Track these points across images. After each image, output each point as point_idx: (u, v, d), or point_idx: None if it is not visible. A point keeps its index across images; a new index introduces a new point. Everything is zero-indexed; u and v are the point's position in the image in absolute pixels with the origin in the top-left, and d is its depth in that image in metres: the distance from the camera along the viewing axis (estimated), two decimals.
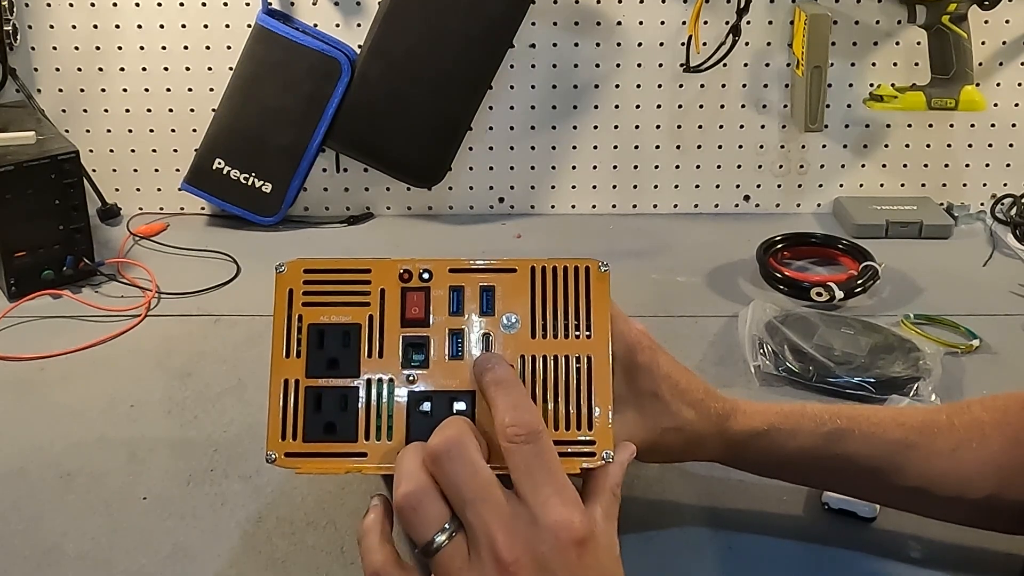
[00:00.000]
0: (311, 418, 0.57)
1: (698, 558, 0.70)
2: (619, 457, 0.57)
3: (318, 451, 0.56)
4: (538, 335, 0.58)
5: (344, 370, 0.57)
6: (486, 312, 0.58)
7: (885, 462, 0.66)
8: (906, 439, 0.66)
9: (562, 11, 1.25)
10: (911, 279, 1.12)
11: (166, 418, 0.87)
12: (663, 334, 0.75)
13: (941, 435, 0.66)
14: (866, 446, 0.66)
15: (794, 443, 0.67)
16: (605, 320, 0.58)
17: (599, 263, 0.59)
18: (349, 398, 0.57)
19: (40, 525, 0.73)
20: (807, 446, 0.67)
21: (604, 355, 0.57)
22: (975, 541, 0.70)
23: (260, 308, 1.05)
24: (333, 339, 0.58)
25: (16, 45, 1.24)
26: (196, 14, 1.25)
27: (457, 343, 0.57)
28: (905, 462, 0.66)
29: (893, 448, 0.66)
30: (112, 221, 1.29)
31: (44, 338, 1.00)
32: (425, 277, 0.59)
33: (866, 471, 0.67)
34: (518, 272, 0.59)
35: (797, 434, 0.67)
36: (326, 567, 0.69)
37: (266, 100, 1.24)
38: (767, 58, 1.27)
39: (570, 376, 0.57)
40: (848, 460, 0.67)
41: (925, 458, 0.66)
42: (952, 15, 1.18)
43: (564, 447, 0.55)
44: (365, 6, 1.25)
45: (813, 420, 0.68)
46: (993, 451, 0.65)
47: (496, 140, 1.31)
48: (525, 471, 0.51)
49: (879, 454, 0.66)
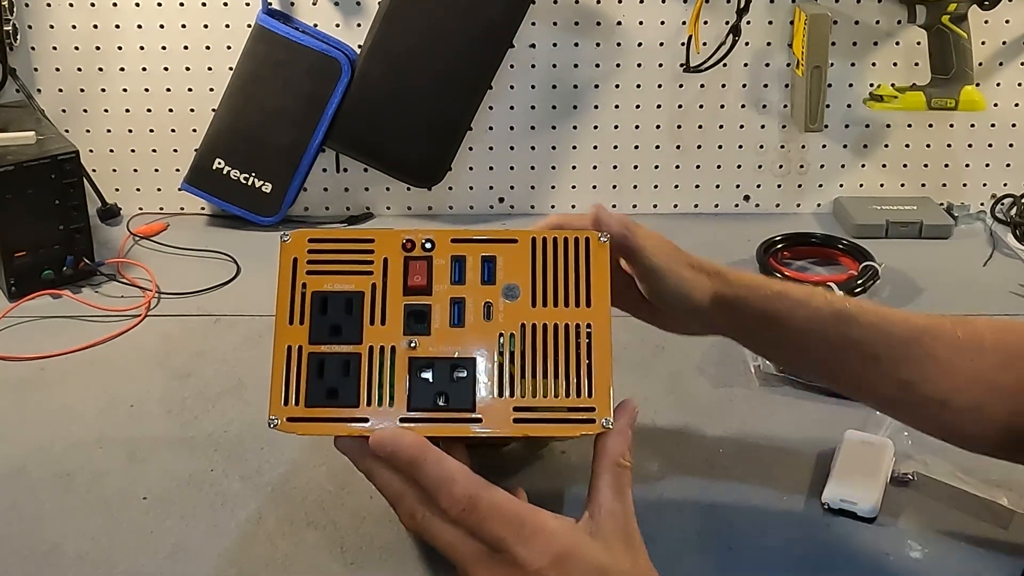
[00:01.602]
0: (313, 383, 0.57)
1: (698, 558, 0.70)
2: (618, 425, 0.58)
3: (320, 416, 0.57)
4: (538, 304, 0.58)
5: (347, 337, 0.58)
6: (487, 281, 0.59)
7: (884, 354, 0.67)
8: (909, 336, 0.67)
9: (562, 11, 1.25)
10: (911, 279, 1.12)
11: (166, 418, 0.87)
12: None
13: (942, 340, 0.67)
14: (870, 333, 0.67)
15: (803, 312, 0.68)
16: (605, 290, 0.59)
17: (599, 234, 0.60)
18: (351, 364, 0.57)
19: (40, 525, 0.73)
20: (815, 319, 0.67)
21: (604, 323, 0.58)
22: (975, 541, 0.70)
23: (260, 308, 1.05)
24: (336, 306, 0.58)
25: (16, 45, 1.24)
26: (196, 14, 1.25)
27: (459, 311, 0.58)
28: (902, 358, 0.66)
29: (895, 341, 0.67)
30: (112, 221, 1.28)
31: (44, 338, 1.00)
32: (427, 247, 0.59)
33: (864, 358, 0.67)
34: (519, 243, 0.60)
35: (808, 304, 0.68)
36: (326, 567, 0.69)
37: (266, 100, 1.24)
38: (767, 58, 1.27)
39: (570, 344, 0.58)
40: (850, 343, 0.67)
41: (922, 358, 0.66)
42: (952, 15, 1.18)
43: (564, 413, 0.56)
44: (365, 6, 1.25)
45: (823, 298, 0.68)
46: (986, 366, 0.66)
47: (496, 140, 1.30)
48: (477, 528, 0.53)
49: (881, 344, 0.67)
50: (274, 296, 0.59)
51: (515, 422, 0.56)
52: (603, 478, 0.57)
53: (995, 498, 0.74)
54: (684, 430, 0.84)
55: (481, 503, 0.52)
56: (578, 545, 0.54)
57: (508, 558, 0.52)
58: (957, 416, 0.66)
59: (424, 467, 0.53)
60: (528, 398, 0.56)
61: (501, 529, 0.52)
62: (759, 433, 0.84)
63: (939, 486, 0.76)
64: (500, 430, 0.55)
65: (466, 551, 0.53)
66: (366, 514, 0.74)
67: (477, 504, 0.52)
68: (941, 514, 0.74)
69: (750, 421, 0.86)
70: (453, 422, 0.56)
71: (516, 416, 0.56)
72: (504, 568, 0.52)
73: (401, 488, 0.55)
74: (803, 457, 0.80)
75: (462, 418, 0.56)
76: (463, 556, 0.53)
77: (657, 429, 0.84)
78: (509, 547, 0.52)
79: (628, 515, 0.57)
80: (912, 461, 0.78)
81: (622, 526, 0.56)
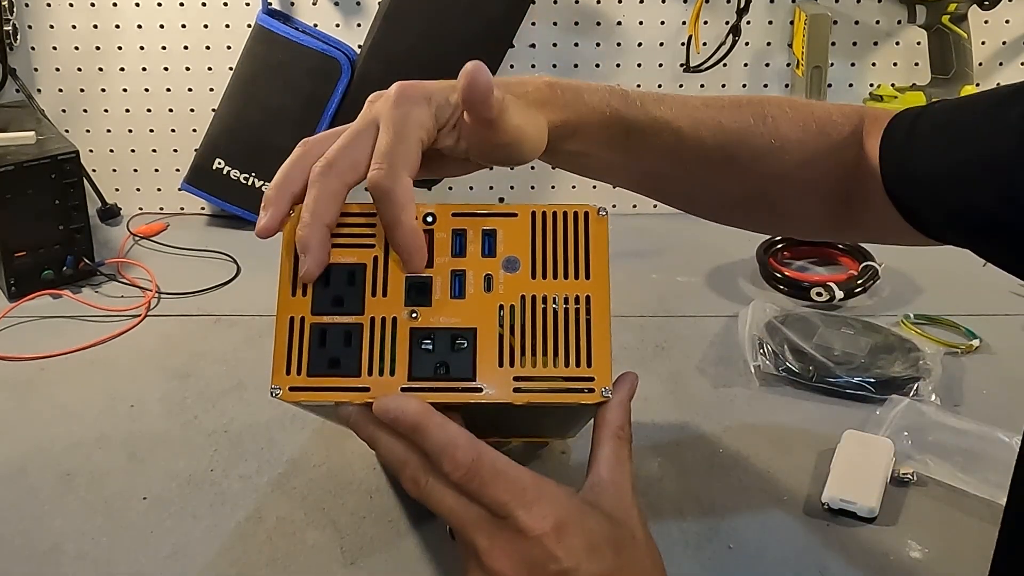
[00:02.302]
0: (315, 353, 0.58)
1: (698, 558, 0.70)
2: (618, 396, 0.58)
3: (322, 385, 0.57)
4: (538, 276, 0.59)
5: (349, 308, 0.58)
6: (487, 254, 0.59)
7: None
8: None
9: (562, 11, 1.25)
10: (911, 279, 1.12)
11: (166, 418, 0.87)
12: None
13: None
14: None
15: (657, 111, 0.68)
16: (603, 262, 0.60)
17: (597, 208, 0.61)
18: (353, 334, 0.58)
19: (40, 525, 0.73)
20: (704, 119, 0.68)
21: (603, 295, 0.59)
22: (975, 541, 0.70)
23: (260, 308, 1.05)
24: (338, 278, 0.59)
25: (16, 45, 1.24)
26: (196, 14, 1.25)
27: (459, 283, 0.59)
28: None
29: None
30: (112, 221, 1.29)
31: (44, 338, 1.00)
32: (429, 220, 0.60)
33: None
34: (519, 216, 0.61)
35: (661, 102, 0.68)
36: (326, 567, 0.69)
37: (266, 100, 1.24)
38: (767, 58, 1.27)
39: (569, 315, 0.58)
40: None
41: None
42: (952, 15, 1.18)
43: (563, 383, 0.57)
44: (365, 6, 1.25)
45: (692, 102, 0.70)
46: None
47: None
48: (479, 494, 0.53)
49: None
50: (275, 296, 0.59)
51: (515, 391, 0.56)
52: (603, 449, 0.57)
53: (995, 498, 0.74)
54: (684, 430, 0.85)
55: (483, 467, 0.53)
56: (579, 512, 0.54)
57: (510, 523, 0.52)
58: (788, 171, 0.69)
59: (427, 431, 0.53)
60: (528, 368, 0.57)
61: (503, 493, 0.52)
62: (759, 433, 0.84)
63: (939, 486, 0.76)
64: (500, 398, 0.56)
65: (468, 517, 0.53)
66: (366, 514, 0.74)
67: (479, 468, 0.52)
68: (941, 514, 0.74)
69: (750, 421, 0.86)
70: (454, 391, 0.56)
71: (516, 385, 0.56)
72: (506, 533, 0.52)
73: (404, 454, 0.55)
74: (803, 457, 0.80)
75: (463, 387, 0.57)
76: (465, 522, 0.54)
77: (657, 429, 0.84)
78: (511, 512, 0.52)
79: (628, 485, 0.57)
80: (912, 461, 0.78)
81: (621, 497, 0.56)
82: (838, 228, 0.75)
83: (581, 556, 0.52)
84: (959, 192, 0.61)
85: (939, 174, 0.63)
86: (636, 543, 0.55)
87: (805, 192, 0.72)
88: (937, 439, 0.80)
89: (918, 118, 0.66)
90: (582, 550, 0.53)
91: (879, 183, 0.66)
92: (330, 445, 0.82)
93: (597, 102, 0.66)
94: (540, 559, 0.52)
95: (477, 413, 0.57)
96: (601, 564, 0.53)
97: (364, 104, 0.62)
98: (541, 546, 0.52)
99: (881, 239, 0.76)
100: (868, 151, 0.68)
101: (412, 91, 0.61)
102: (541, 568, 0.52)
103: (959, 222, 0.62)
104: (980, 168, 0.59)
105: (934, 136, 0.64)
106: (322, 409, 0.63)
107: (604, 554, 0.53)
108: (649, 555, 0.56)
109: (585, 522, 0.54)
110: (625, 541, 0.55)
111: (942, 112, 0.65)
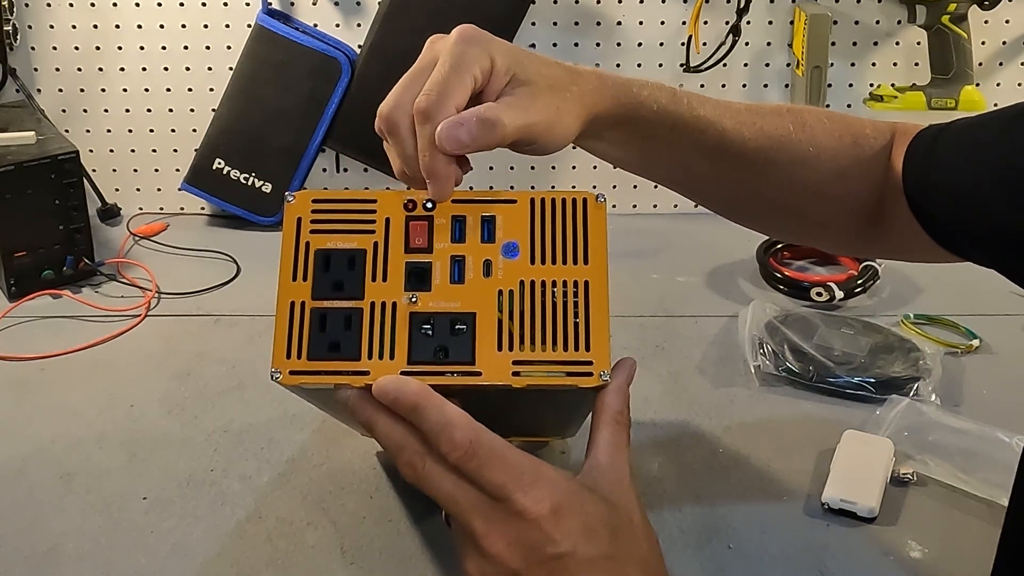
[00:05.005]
0: (316, 337, 0.58)
1: (698, 558, 0.70)
2: (616, 382, 0.59)
3: (322, 369, 0.57)
4: (537, 262, 0.60)
5: (349, 292, 0.59)
6: (487, 240, 0.60)
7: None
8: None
9: (562, 11, 1.25)
10: (911, 279, 1.12)
11: (166, 418, 0.87)
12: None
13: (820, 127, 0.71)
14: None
15: (702, 110, 0.68)
16: (602, 248, 0.60)
17: (596, 195, 0.61)
18: (353, 319, 0.58)
19: (40, 525, 0.73)
20: (713, 116, 0.68)
21: (601, 280, 0.59)
22: (975, 541, 0.70)
23: (260, 308, 1.05)
24: (339, 263, 0.60)
25: (16, 45, 1.24)
26: (196, 14, 1.25)
27: (459, 268, 0.59)
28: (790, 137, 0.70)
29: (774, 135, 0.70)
30: (112, 221, 1.29)
31: (44, 338, 1.00)
32: (428, 207, 0.61)
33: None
34: (518, 203, 0.61)
35: (705, 103, 0.68)
36: (326, 567, 0.69)
37: (266, 100, 1.24)
38: (767, 58, 1.27)
39: (568, 299, 0.59)
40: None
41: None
42: (952, 15, 1.18)
43: (562, 366, 0.57)
44: (365, 6, 1.25)
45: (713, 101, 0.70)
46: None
47: None
48: (477, 475, 0.53)
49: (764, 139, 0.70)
50: (275, 296, 0.59)
51: (514, 375, 0.57)
52: (601, 434, 0.58)
53: (995, 498, 0.74)
54: (684, 430, 0.85)
55: (481, 448, 0.53)
56: (577, 496, 0.54)
57: (507, 506, 0.52)
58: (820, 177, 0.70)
59: (426, 412, 0.53)
60: (527, 352, 0.57)
61: (501, 475, 0.52)
62: (759, 433, 0.84)
63: (939, 486, 0.76)
64: (499, 380, 0.56)
65: (466, 500, 0.53)
66: (366, 514, 0.74)
67: (477, 450, 0.52)
68: (941, 514, 0.74)
69: (750, 421, 0.86)
70: (453, 374, 0.57)
71: (515, 369, 0.57)
72: (503, 516, 0.52)
73: (402, 437, 0.55)
74: (803, 457, 0.80)
75: (462, 370, 0.57)
76: (462, 505, 0.53)
77: (657, 429, 0.84)
78: (508, 494, 0.52)
79: (626, 469, 0.57)
80: (912, 461, 0.78)
81: (619, 481, 0.57)
82: (865, 242, 0.75)
83: (578, 539, 0.52)
84: (980, 211, 0.62)
85: (960, 189, 0.64)
86: (633, 526, 0.55)
87: (837, 203, 0.72)
88: (937, 439, 0.80)
89: (940, 133, 0.67)
90: (579, 533, 0.53)
91: (903, 195, 0.67)
92: (330, 445, 0.82)
93: (645, 96, 0.67)
94: (537, 542, 0.52)
95: (476, 404, 0.57)
96: (598, 547, 0.53)
97: (371, 102, 0.62)
98: (538, 528, 0.52)
99: (907, 255, 0.76)
100: (894, 162, 0.69)
101: (476, 33, 0.62)
102: (538, 551, 0.52)
103: (983, 241, 0.63)
104: (1000, 187, 0.60)
105: (954, 152, 0.66)
106: (320, 394, 0.63)
107: (601, 537, 0.53)
108: (646, 538, 0.56)
109: (583, 505, 0.54)
110: (622, 524, 0.55)
111: (961, 130, 0.66)
